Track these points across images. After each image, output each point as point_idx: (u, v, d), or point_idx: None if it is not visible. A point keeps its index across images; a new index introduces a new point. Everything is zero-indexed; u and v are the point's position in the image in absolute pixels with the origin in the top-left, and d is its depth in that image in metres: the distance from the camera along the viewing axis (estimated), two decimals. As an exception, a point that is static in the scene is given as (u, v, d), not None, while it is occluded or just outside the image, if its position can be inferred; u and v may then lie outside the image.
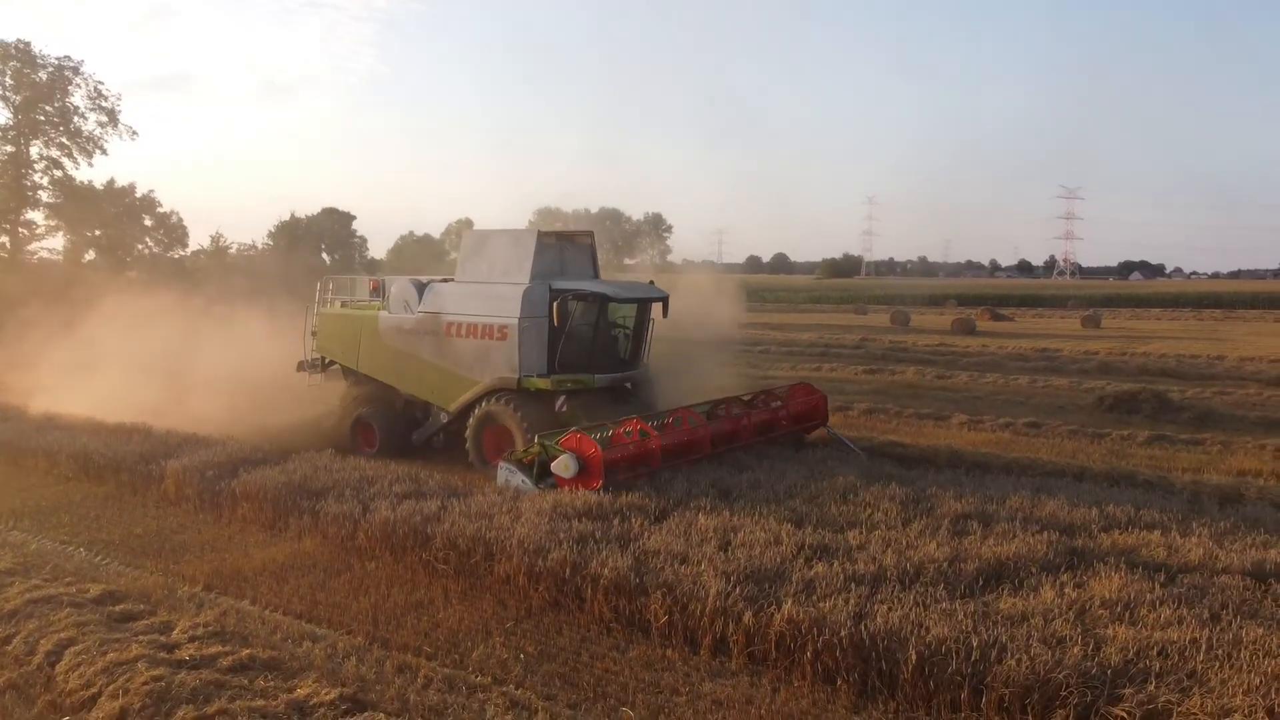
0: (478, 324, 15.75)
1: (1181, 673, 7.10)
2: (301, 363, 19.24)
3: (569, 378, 15.33)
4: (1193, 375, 30.85)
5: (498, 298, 15.52)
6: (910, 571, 9.30)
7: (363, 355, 17.76)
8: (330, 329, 18.62)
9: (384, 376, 17.49)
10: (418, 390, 16.99)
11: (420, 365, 16.68)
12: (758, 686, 7.91)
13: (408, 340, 16.82)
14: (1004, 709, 7.07)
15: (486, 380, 15.61)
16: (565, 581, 9.58)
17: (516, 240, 15.92)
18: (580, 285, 15.56)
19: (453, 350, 16.12)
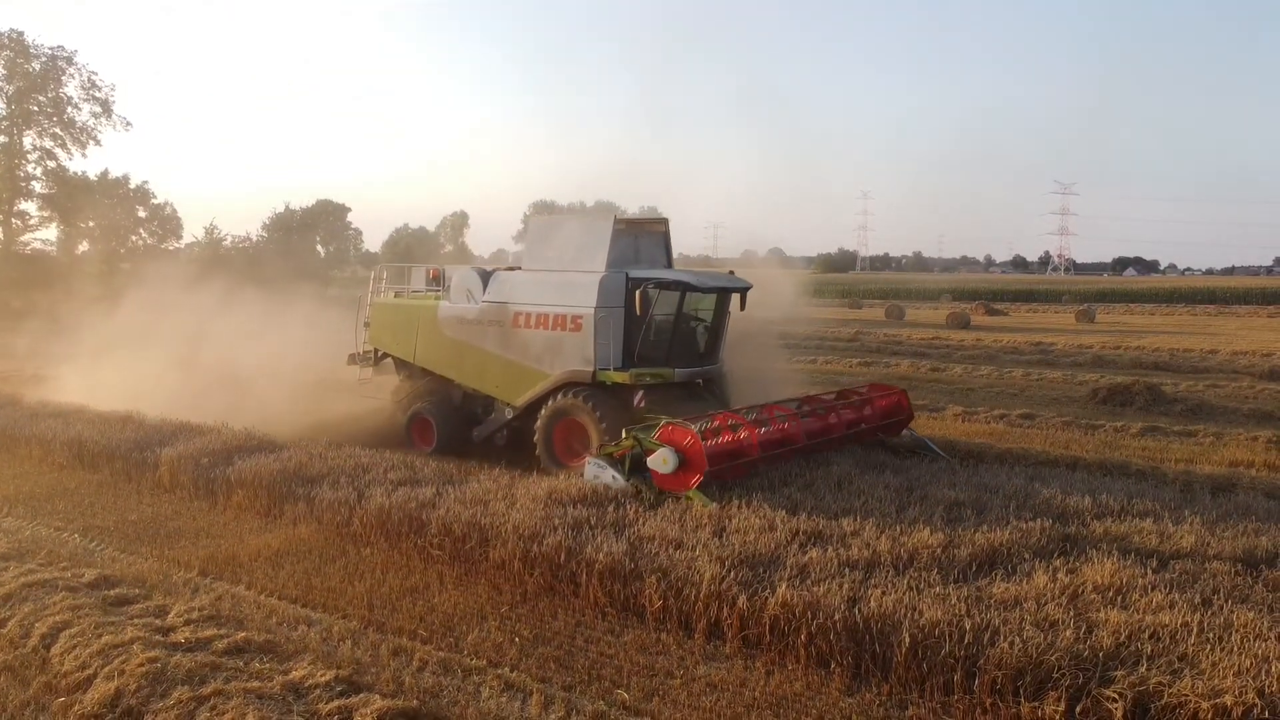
0: (548, 314, 14.92)
1: (1173, 655, 7.14)
2: (353, 355, 18.50)
3: (648, 371, 14.47)
4: (1186, 369, 30.98)
5: (571, 286, 14.71)
6: (904, 557, 9.34)
7: (420, 347, 17.01)
8: (384, 320, 17.88)
9: (442, 370, 16.74)
10: (480, 384, 16.19)
11: (483, 357, 15.92)
12: (752, 670, 7.95)
13: (470, 331, 16.07)
14: (996, 691, 7.11)
15: (557, 373, 14.80)
16: (560, 567, 9.60)
17: (590, 226, 15.12)
18: (661, 274, 14.77)
19: (520, 342, 15.33)
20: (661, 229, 15.97)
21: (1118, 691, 6.72)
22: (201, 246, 68.01)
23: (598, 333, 14.31)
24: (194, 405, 17.55)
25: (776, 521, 10.38)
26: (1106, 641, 7.35)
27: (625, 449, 12.23)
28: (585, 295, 14.48)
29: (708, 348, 15.65)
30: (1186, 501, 12.07)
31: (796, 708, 7.31)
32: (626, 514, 10.82)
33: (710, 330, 15.59)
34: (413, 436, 16.71)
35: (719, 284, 15.17)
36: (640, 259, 15.39)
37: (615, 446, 12.45)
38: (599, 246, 14.72)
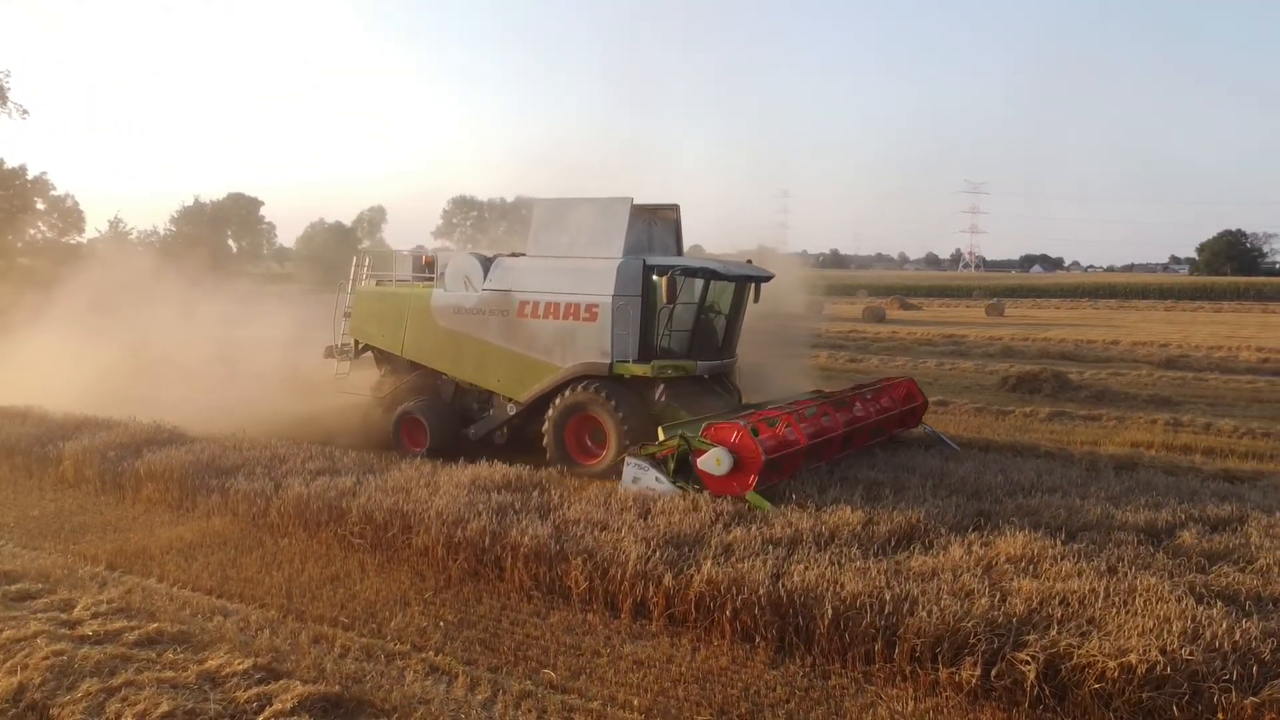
0: (559, 303, 14.02)
1: (1081, 619, 7.41)
2: (330, 348, 17.21)
3: (670, 364, 13.67)
4: (1090, 358, 32.19)
5: (585, 273, 13.87)
6: (825, 534, 9.50)
7: (409, 339, 15.88)
8: (368, 310, 16.66)
9: (435, 363, 15.70)
10: (478, 378, 15.22)
11: (483, 350, 14.91)
12: (678, 646, 8.00)
13: (468, 322, 15.06)
14: (915, 659, 7.28)
15: (569, 366, 13.91)
16: (485, 551, 9.52)
17: (606, 210, 14.09)
18: (684, 261, 13.96)
19: (526, 332, 14.40)
20: (673, 216, 15.20)
21: (1030, 655, 6.94)
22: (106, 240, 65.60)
23: (615, 323, 13.51)
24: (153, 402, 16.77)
25: (700, 503, 10.47)
26: (1019, 608, 7.59)
27: (670, 449, 11.38)
28: (601, 283, 13.66)
29: (726, 340, 15.00)
30: (1092, 479, 12.57)
31: (722, 681, 7.38)
32: (551, 498, 10.80)
33: (729, 321, 14.93)
34: (401, 437, 15.45)
35: (743, 273, 14.56)
36: (653, 246, 14.65)
37: (658, 446, 11.57)
38: (615, 232, 13.88)
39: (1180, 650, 6.70)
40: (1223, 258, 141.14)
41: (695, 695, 7.14)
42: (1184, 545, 9.48)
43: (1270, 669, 6.62)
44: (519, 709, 6.91)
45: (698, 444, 11.10)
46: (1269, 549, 9.37)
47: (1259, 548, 9.41)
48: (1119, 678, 6.64)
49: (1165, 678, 6.55)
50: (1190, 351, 34.06)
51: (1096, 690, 6.68)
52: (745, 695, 7.15)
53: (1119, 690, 6.62)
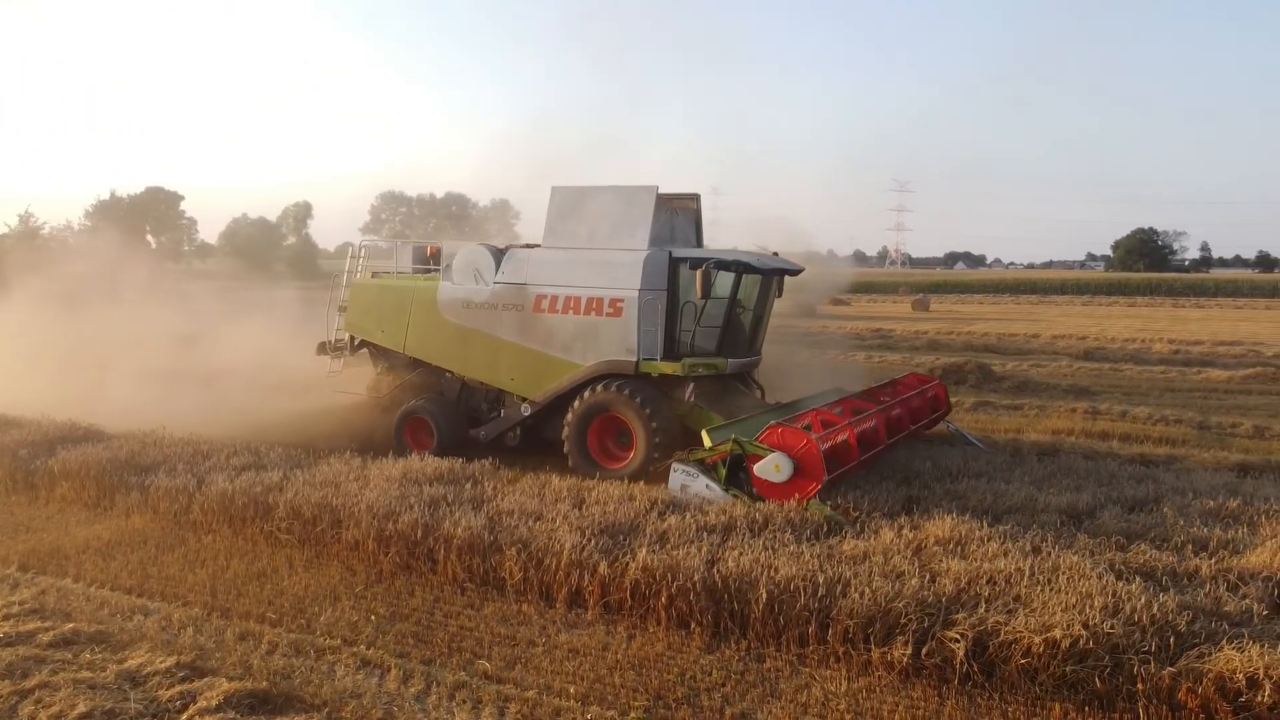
0: (580, 297, 13.21)
1: (1008, 597, 7.59)
2: (323, 344, 16.15)
3: (701, 361, 12.98)
4: (1012, 351, 33.03)
5: (609, 266, 13.08)
6: (759, 521, 9.57)
7: (412, 335, 14.94)
8: (367, 304, 15.65)
9: (441, 361, 14.79)
10: (490, 377, 14.30)
11: (495, 347, 14.03)
12: (614, 634, 7.98)
13: (478, 317, 14.15)
14: (848, 640, 7.37)
15: (590, 364, 13.14)
16: (417, 544, 9.38)
17: (630, 198, 13.28)
18: (714, 252, 13.18)
19: (544, 328, 13.56)
20: (693, 206, 14.37)
21: (959, 633, 7.08)
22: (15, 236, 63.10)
23: (642, 318, 12.76)
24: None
25: (635, 492, 10.47)
26: (948, 588, 7.74)
27: (723, 453, 10.73)
28: (627, 276, 12.90)
29: (754, 336, 14.29)
30: (1016, 464, 12.91)
31: (658, 667, 7.38)
32: (485, 490, 10.70)
33: (756, 317, 14.22)
34: (405, 438, 14.44)
35: (776, 266, 13.89)
36: (675, 237, 13.84)
37: (708, 450, 10.94)
38: (640, 222, 13.11)
39: (1102, 624, 6.90)
40: (1136, 255, 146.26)
41: (631, 682, 7.13)
42: (1104, 525, 9.77)
43: (1186, 640, 6.85)
44: (453, 700, 6.82)
45: (753, 449, 10.44)
46: (1183, 527, 9.72)
47: (1173, 526, 9.76)
48: (1044, 652, 6.81)
49: (1088, 651, 6.74)
50: (1106, 344, 35.16)
51: (1023, 665, 6.85)
52: (681, 680, 7.16)
53: (1044, 665, 6.79)
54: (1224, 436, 16.65)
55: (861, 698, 6.89)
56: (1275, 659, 6.39)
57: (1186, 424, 17.54)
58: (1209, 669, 6.46)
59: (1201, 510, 10.47)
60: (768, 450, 10.29)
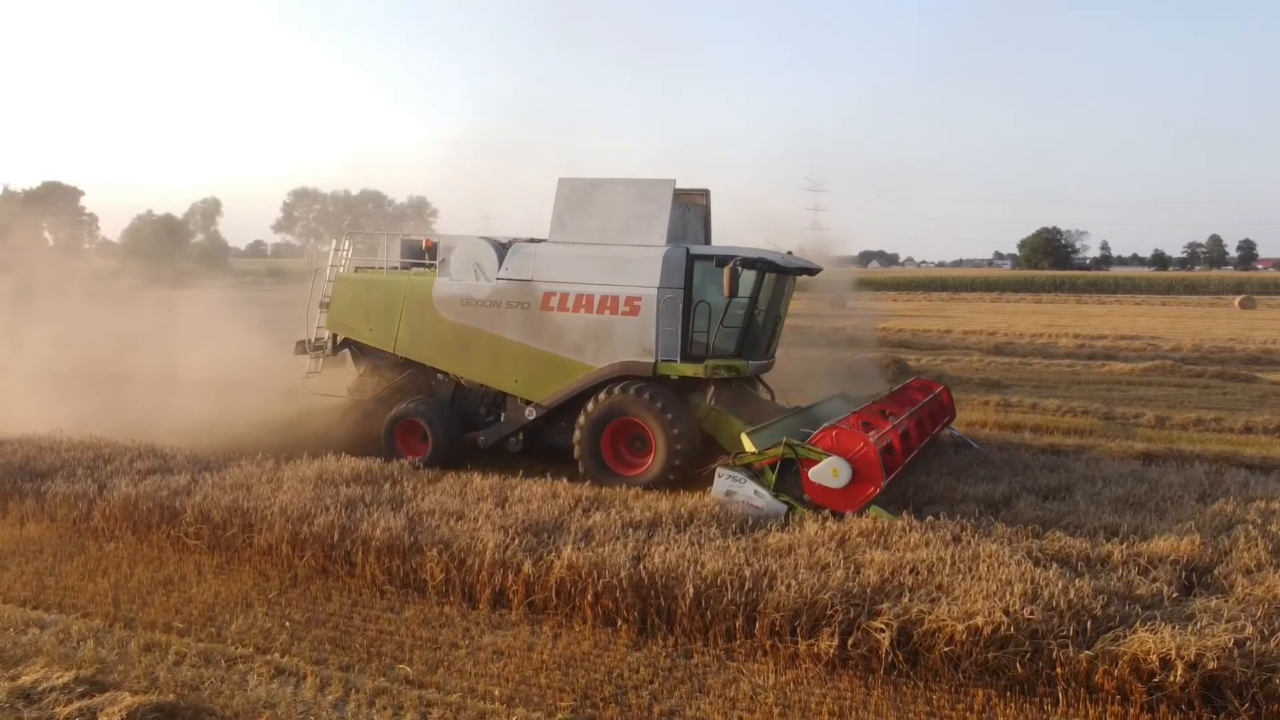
0: (593, 295, 12.57)
1: (931, 586, 7.68)
2: (302, 343, 15.06)
3: (723, 363, 12.47)
4: (925, 346, 33.85)
5: (624, 262, 12.48)
6: (684, 516, 9.55)
7: (404, 334, 14.03)
8: (352, 300, 14.63)
9: (437, 361, 13.95)
10: (491, 378, 13.53)
11: (497, 347, 13.27)
12: (539, 634, 7.83)
13: (479, 315, 13.36)
14: (775, 633, 7.37)
15: (604, 365, 12.51)
16: (334, 546, 9.08)
17: (645, 193, 12.70)
18: (735, 249, 12.58)
19: (552, 327, 12.87)
20: (703, 202, 13.85)
21: (884, 622, 7.13)
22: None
23: (661, 318, 12.19)
24: None
25: (559, 489, 10.34)
26: (873, 579, 7.80)
27: (772, 458, 10.27)
28: (645, 273, 12.31)
29: (771, 337, 13.87)
30: (934, 456, 13.11)
31: (585, 666, 7.26)
32: (404, 490, 10.45)
33: (775, 317, 13.77)
34: (396, 444, 13.62)
35: (798, 265, 13.51)
36: (687, 234, 13.33)
37: (756, 455, 10.44)
38: (656, 217, 12.53)
39: (1021, 611, 7.02)
40: (1040, 253, 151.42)
41: (558, 682, 7.00)
42: (1020, 514, 10.00)
43: (1102, 624, 7.01)
44: (373, 707, 6.60)
45: (806, 453, 10.01)
46: (1094, 514, 10.00)
47: (1086, 513, 10.03)
48: (967, 640, 6.90)
49: (1009, 637, 6.85)
50: (1015, 339, 36.21)
51: (946, 653, 6.92)
52: (609, 679, 7.06)
53: (967, 652, 6.88)
54: (1128, 426, 17.25)
55: (789, 690, 6.88)
56: (1186, 640, 6.57)
57: (1093, 415, 18.11)
58: (1124, 651, 6.61)
59: (1111, 498, 10.79)
60: (823, 454, 9.88)
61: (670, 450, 11.79)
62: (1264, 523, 9.63)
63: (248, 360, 17.34)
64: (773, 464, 10.20)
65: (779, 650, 7.31)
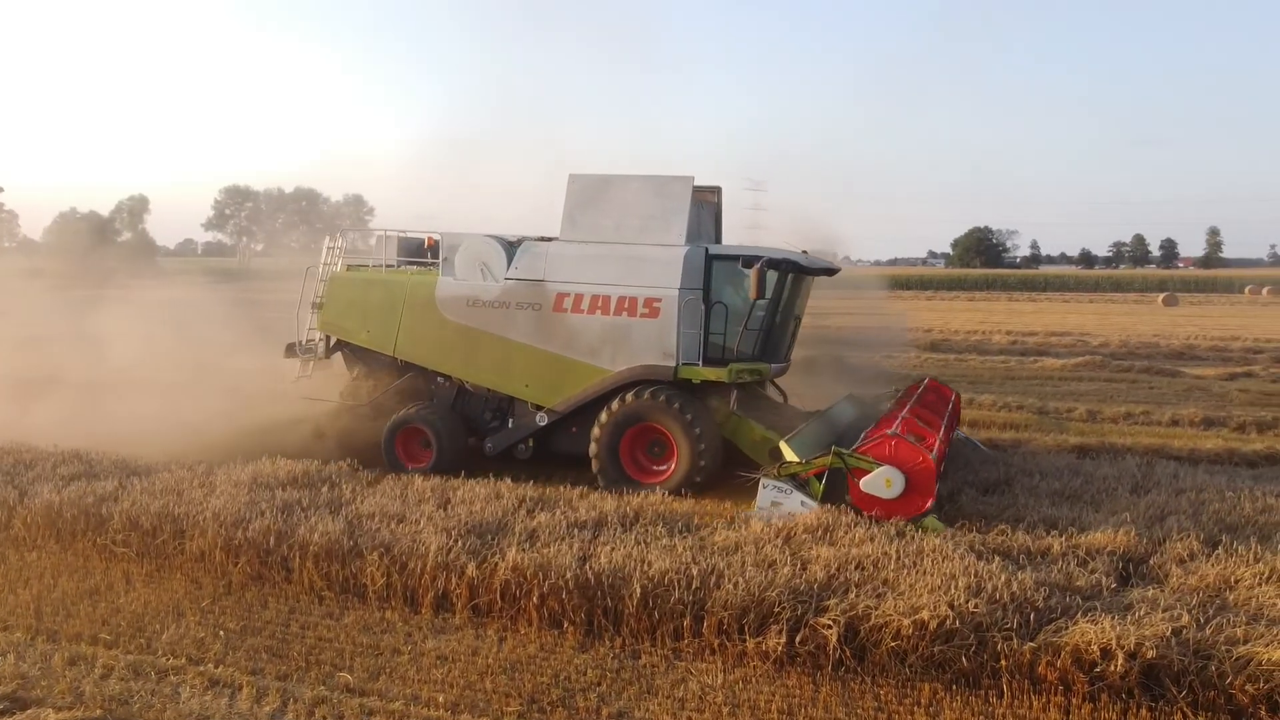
0: (610, 296, 12.11)
1: (877, 581, 7.71)
2: (293, 345, 14.24)
3: (746, 367, 12.17)
4: (864, 343, 34.18)
5: (643, 262, 12.05)
6: (630, 515, 9.50)
7: (404, 336, 13.36)
8: (349, 300, 13.89)
9: (439, 364, 13.34)
10: (499, 382, 12.95)
11: (505, 349, 12.69)
12: (483, 638, 7.69)
13: (486, 316, 12.79)
14: (723, 631, 7.33)
15: (621, 369, 12.08)
16: (270, 552, 8.82)
17: (662, 190, 12.26)
18: (762, 250, 12.18)
19: (566, 330, 12.39)
20: (714, 199, 13.40)
21: (831, 619, 7.14)
22: None
23: (683, 320, 11.80)
24: None
25: (502, 490, 10.21)
26: (819, 575, 7.80)
27: (819, 467, 9.96)
28: (665, 274, 11.90)
29: (791, 340, 13.47)
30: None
31: (532, 669, 7.15)
32: (343, 492, 10.21)
33: (795, 319, 13.37)
34: (397, 452, 12.93)
35: (822, 265, 13.15)
36: (701, 232, 12.94)
37: (803, 465, 10.11)
38: (675, 215, 12.10)
39: (966, 604, 7.08)
40: (972, 252, 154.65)
41: (504, 686, 6.87)
42: (962, 508, 10.12)
43: (1044, 615, 7.10)
44: (312, 717, 6.41)
45: (856, 462, 9.70)
46: (1034, 507, 10.14)
47: (1025, 506, 10.18)
48: (913, 634, 6.93)
49: (954, 631, 6.90)
50: (950, 336, 36.90)
51: (893, 648, 6.95)
52: (556, 682, 6.95)
53: (913, 646, 6.91)
54: (1062, 421, 17.61)
55: (738, 689, 6.84)
56: (1126, 630, 6.68)
57: (1028, 409, 18.46)
58: (1066, 642, 6.69)
59: (1049, 491, 10.96)
60: (875, 464, 9.60)
61: (694, 457, 11.47)
62: (1195, 513, 9.88)
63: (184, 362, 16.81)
64: (819, 473, 9.93)
65: (727, 649, 7.27)
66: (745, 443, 11.76)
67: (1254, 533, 9.13)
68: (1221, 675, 6.36)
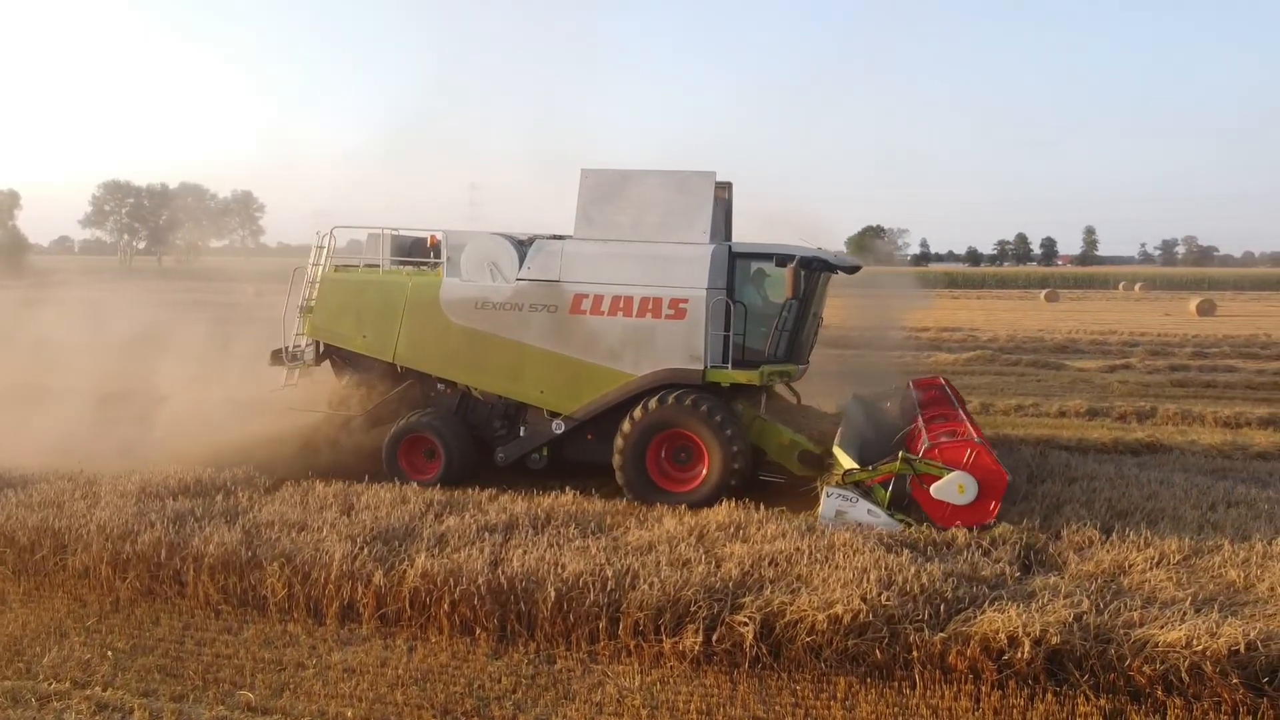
0: (633, 296, 11.51)
1: (791, 577, 7.77)
2: (279, 352, 13.08)
3: (777, 369, 11.73)
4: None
5: (666, 261, 11.50)
6: (542, 517, 9.35)
7: (405, 340, 12.48)
8: (343, 303, 12.91)
9: (445, 370, 12.53)
10: (511, 389, 12.19)
11: (518, 353, 11.97)
12: (392, 648, 7.45)
13: (496, 319, 12.03)
14: (639, 632, 7.26)
15: (645, 373, 11.48)
16: (161, 566, 8.38)
17: (683, 186, 11.72)
18: (794, 248, 11.66)
19: (584, 332, 11.71)
20: (726, 195, 12.76)
21: (747, 615, 7.14)
22: None
23: (711, 321, 11.28)
24: None
25: (409, 494, 9.95)
26: (734, 572, 7.81)
27: (887, 473, 9.67)
28: (691, 273, 11.36)
29: (813, 338, 12.92)
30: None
31: (444, 679, 6.95)
32: (239, 501, 9.77)
33: (815, 317, 12.84)
34: (400, 462, 12.09)
35: (849, 262, 12.75)
36: (716, 229, 12.27)
37: (869, 472, 9.79)
38: (697, 212, 11.58)
39: (878, 597, 7.18)
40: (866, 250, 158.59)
41: (415, 698, 6.66)
42: (868, 502, 10.24)
43: (953, 606, 7.25)
44: (212, 739, 6.09)
45: (925, 468, 9.51)
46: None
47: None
48: (827, 629, 6.99)
49: (867, 624, 6.98)
50: (849, 332, 37.64)
51: (808, 643, 7.00)
52: (469, 691, 6.77)
53: (828, 640, 6.98)
54: (958, 414, 18.12)
55: (656, 690, 6.78)
56: (1031, 617, 6.87)
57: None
58: (975, 631, 6.84)
59: (950, 482, 11.21)
60: (945, 469, 9.44)
61: (727, 464, 10.97)
62: (1089, 501, 10.25)
63: None
64: (884, 481, 9.69)
65: (644, 650, 7.21)
66: (772, 447, 11.49)
67: (1143, 519, 9.52)
68: (1120, 658, 6.59)
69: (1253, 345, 31.49)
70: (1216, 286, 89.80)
